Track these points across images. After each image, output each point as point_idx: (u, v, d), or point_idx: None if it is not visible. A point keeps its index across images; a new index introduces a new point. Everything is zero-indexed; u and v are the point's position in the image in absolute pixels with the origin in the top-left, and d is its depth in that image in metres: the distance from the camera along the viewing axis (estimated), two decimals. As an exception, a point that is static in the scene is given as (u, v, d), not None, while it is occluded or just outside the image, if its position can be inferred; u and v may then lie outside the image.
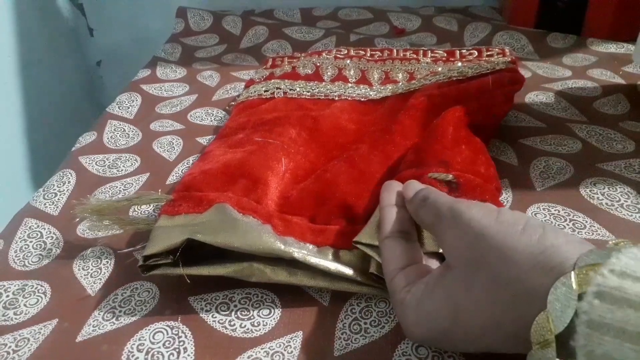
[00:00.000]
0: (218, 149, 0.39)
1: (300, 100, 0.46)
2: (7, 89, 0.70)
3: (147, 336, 0.28)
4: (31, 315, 0.30)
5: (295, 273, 0.29)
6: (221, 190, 0.34)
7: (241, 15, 0.70)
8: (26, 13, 0.73)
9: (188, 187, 0.34)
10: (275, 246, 0.29)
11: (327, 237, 0.31)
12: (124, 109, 0.51)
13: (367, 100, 0.46)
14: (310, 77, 0.50)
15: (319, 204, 0.34)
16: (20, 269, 0.33)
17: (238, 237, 0.29)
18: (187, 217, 0.32)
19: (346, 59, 0.52)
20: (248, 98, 0.48)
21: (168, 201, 0.33)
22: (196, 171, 0.36)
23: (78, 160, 0.43)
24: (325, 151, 0.40)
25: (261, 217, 0.31)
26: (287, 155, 0.38)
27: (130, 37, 0.87)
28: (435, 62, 0.51)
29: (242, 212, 0.31)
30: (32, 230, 0.36)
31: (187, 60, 0.63)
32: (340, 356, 0.27)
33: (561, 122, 0.45)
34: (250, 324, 0.29)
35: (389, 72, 0.50)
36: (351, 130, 0.42)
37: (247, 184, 0.34)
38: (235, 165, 0.36)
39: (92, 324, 0.29)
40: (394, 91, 0.46)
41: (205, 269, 0.29)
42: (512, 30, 0.63)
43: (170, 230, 0.30)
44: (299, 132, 0.40)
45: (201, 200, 0.32)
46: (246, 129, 0.42)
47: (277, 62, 0.55)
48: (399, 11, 0.71)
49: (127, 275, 0.32)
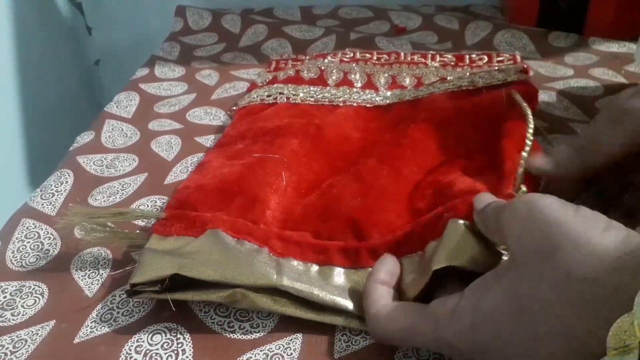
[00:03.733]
0: (216, 159, 0.38)
1: (304, 106, 0.45)
2: (5, 88, 0.69)
3: (145, 338, 0.28)
4: (29, 316, 0.30)
5: (280, 301, 0.28)
6: (216, 209, 0.33)
7: (240, 14, 0.70)
8: (24, 12, 0.72)
9: (182, 205, 0.33)
10: (268, 278, 0.28)
11: (330, 255, 0.30)
12: (122, 108, 0.51)
13: (372, 107, 0.45)
14: (315, 81, 0.48)
15: (324, 219, 0.33)
16: (18, 269, 0.33)
17: (228, 269, 0.28)
18: (179, 240, 0.31)
19: (352, 63, 0.51)
20: (250, 103, 0.47)
21: (160, 219, 0.32)
22: (192, 185, 0.35)
23: (76, 160, 0.43)
24: (330, 161, 0.39)
25: (257, 240, 0.30)
26: (288, 169, 0.36)
27: (129, 36, 0.87)
28: (443, 67, 0.50)
29: (237, 236, 0.30)
30: (29, 230, 0.36)
31: (186, 59, 0.62)
32: (341, 358, 0.26)
33: (563, 121, 0.45)
34: (250, 325, 0.28)
35: (395, 76, 0.49)
36: (356, 138, 0.41)
37: (244, 203, 0.33)
38: (232, 182, 0.35)
39: (90, 325, 0.29)
40: (401, 97, 0.45)
41: (190, 294, 0.28)
42: (514, 29, 0.62)
43: (159, 258, 0.29)
44: (301, 142, 0.39)
45: (194, 221, 0.31)
46: (246, 139, 0.40)
47: (281, 65, 0.54)
48: (400, 9, 0.70)
49: (125, 276, 0.32)
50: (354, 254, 0.30)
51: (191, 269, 0.28)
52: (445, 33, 0.64)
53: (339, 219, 0.33)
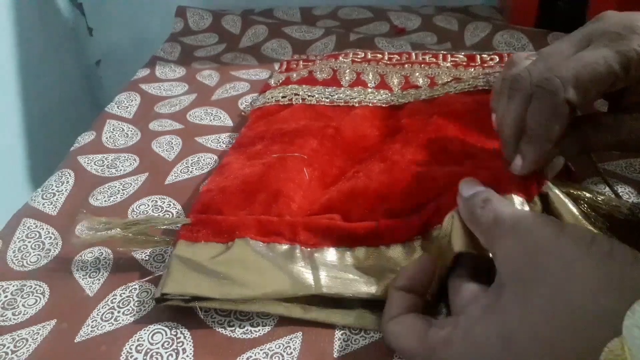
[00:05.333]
0: (236, 161, 0.38)
1: (319, 107, 0.45)
2: (6, 88, 0.69)
3: (146, 337, 0.28)
4: (30, 315, 0.30)
5: (310, 309, 0.28)
6: (240, 208, 0.33)
7: (241, 15, 0.70)
8: (25, 12, 0.73)
9: (207, 208, 0.33)
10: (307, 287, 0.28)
11: (360, 235, 0.30)
12: (122, 108, 0.51)
13: (388, 106, 0.45)
14: (328, 82, 0.48)
15: (352, 199, 0.33)
16: (19, 269, 0.33)
17: (268, 286, 0.28)
18: (207, 246, 0.31)
19: (364, 63, 0.51)
20: (265, 104, 0.46)
21: (186, 225, 0.32)
22: (214, 188, 0.35)
23: (77, 160, 0.43)
24: (352, 155, 0.39)
25: (286, 239, 0.31)
26: (310, 165, 0.36)
27: (130, 36, 0.87)
28: (455, 67, 0.49)
29: (266, 240, 0.30)
30: (30, 230, 0.36)
31: (187, 59, 0.62)
32: (340, 357, 0.26)
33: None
34: (250, 324, 0.28)
35: (408, 76, 0.49)
36: (375, 135, 0.41)
37: (267, 198, 0.33)
38: (254, 182, 0.35)
39: (90, 324, 0.29)
40: (417, 97, 0.45)
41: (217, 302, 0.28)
42: (513, 29, 0.62)
43: (189, 269, 0.29)
44: (321, 142, 0.39)
45: (220, 226, 0.31)
46: (265, 139, 0.40)
47: (292, 66, 0.54)
48: (399, 10, 0.71)
49: (125, 276, 0.32)
50: (388, 231, 0.30)
51: (231, 292, 0.28)
52: (445, 34, 0.64)
53: (368, 196, 0.33)
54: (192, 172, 0.41)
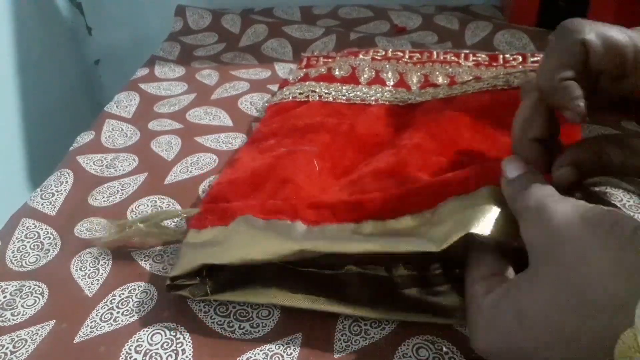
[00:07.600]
0: (248, 155, 0.38)
1: (336, 104, 0.45)
2: (5, 88, 0.69)
3: (145, 337, 0.28)
4: (29, 316, 0.30)
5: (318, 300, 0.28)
6: (247, 197, 0.33)
7: (240, 14, 0.70)
8: (24, 11, 0.73)
9: (215, 198, 0.34)
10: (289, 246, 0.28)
11: (366, 209, 0.30)
12: (122, 108, 0.51)
13: (405, 105, 0.45)
14: (346, 79, 0.48)
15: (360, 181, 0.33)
16: (18, 269, 0.33)
17: (256, 249, 0.28)
18: (213, 229, 0.31)
19: (384, 61, 0.51)
20: (282, 100, 0.47)
21: (196, 214, 0.33)
22: (224, 180, 0.35)
23: (76, 160, 0.43)
24: (365, 150, 0.39)
25: (287, 216, 0.30)
26: (320, 157, 0.37)
27: (129, 36, 0.87)
28: (477, 66, 0.49)
29: (267, 217, 0.30)
30: (29, 230, 0.36)
31: (186, 59, 0.62)
32: (340, 358, 0.26)
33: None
34: (249, 325, 0.28)
35: (428, 75, 0.48)
36: (389, 132, 0.41)
37: (274, 186, 0.34)
38: (262, 172, 0.35)
39: (89, 325, 0.29)
40: (435, 95, 0.44)
41: (228, 294, 0.29)
42: (514, 28, 0.62)
43: (196, 250, 0.30)
44: (333, 137, 0.39)
45: (225, 211, 0.32)
46: (278, 135, 0.41)
47: (312, 62, 0.53)
48: (400, 9, 0.70)
49: (125, 276, 0.32)
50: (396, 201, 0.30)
51: (219, 256, 0.28)
52: (445, 33, 0.64)
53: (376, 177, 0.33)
54: (191, 172, 0.41)
